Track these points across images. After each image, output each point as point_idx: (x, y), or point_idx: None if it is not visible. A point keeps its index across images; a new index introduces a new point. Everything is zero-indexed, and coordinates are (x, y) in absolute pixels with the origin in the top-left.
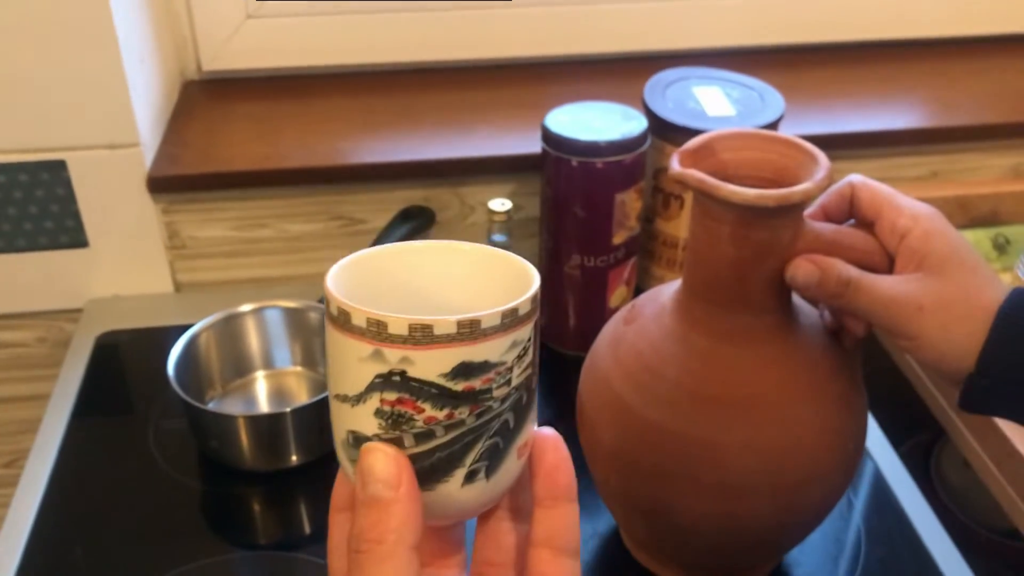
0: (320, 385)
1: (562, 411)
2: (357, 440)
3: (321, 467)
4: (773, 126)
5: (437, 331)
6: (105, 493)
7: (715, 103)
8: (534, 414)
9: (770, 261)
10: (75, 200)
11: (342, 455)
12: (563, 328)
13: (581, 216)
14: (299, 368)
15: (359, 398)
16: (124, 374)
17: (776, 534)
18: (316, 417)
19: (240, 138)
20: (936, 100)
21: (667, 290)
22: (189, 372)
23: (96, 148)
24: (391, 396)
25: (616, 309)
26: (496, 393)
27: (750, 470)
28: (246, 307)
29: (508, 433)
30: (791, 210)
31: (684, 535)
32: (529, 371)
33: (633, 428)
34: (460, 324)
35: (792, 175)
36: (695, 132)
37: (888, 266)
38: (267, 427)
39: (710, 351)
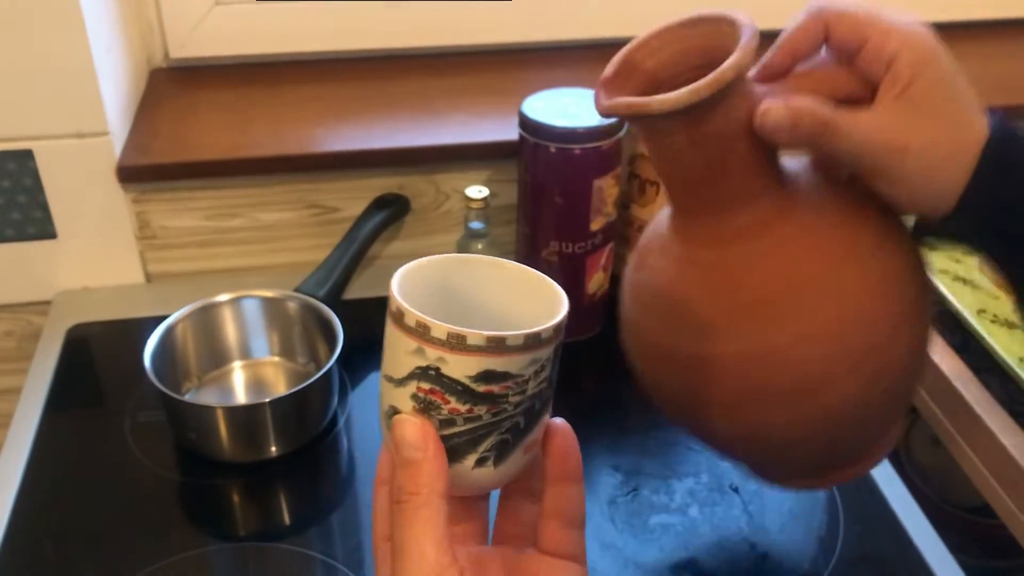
0: (297, 375)
1: None
2: (395, 414)
3: (300, 458)
4: None
5: (469, 341)
6: (82, 487)
7: None
8: (544, 420)
9: (739, 146)
10: (43, 190)
11: (383, 423)
12: None
13: (559, 203)
14: (276, 358)
15: (401, 382)
16: (97, 367)
17: (873, 411)
18: (294, 408)
19: (210, 126)
20: None
21: (659, 226)
22: (166, 363)
23: (64, 137)
24: (425, 386)
25: (594, 295)
26: (512, 399)
27: (817, 359)
28: (223, 297)
29: (518, 432)
30: (734, 86)
31: (781, 454)
32: (544, 385)
33: (692, 371)
34: (488, 339)
35: (724, 52)
36: None
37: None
38: (246, 418)
39: (723, 261)
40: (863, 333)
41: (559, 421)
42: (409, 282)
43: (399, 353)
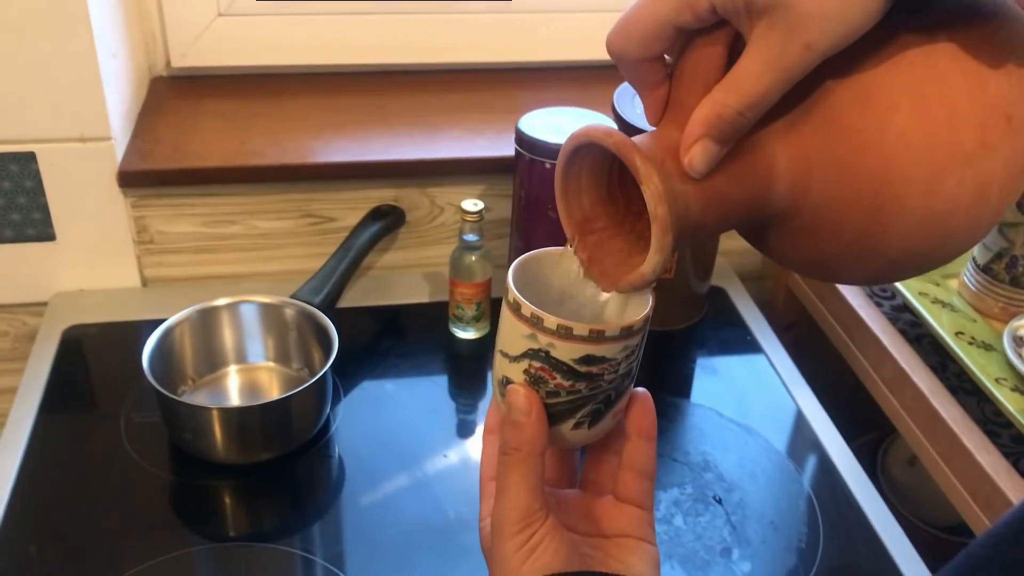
0: (291, 381)
1: None
2: (508, 383)
3: (292, 461)
4: None
5: (575, 332)
6: (76, 487)
7: None
8: (630, 390)
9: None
10: (43, 193)
11: (496, 391)
12: None
13: (553, 218)
14: (271, 363)
15: (515, 359)
16: (92, 368)
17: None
18: (288, 412)
19: (210, 135)
20: None
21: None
22: (163, 365)
23: (67, 141)
24: (536, 364)
25: None
26: (607, 378)
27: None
28: (221, 301)
29: (609, 403)
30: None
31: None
32: (633, 364)
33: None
34: (591, 331)
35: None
36: None
37: None
38: (240, 420)
39: None
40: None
41: (640, 390)
42: (522, 274)
43: (515, 335)
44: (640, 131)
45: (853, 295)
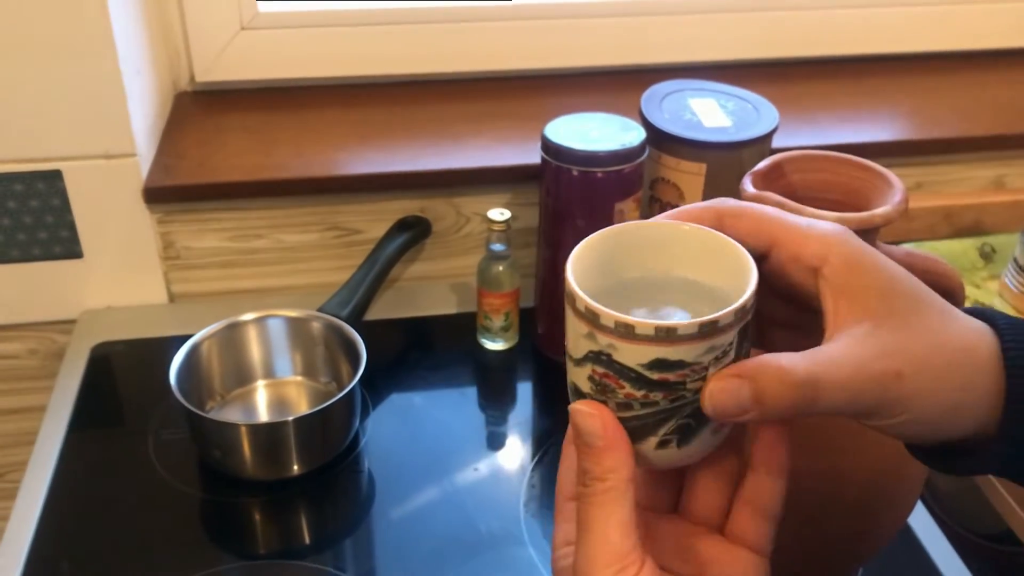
0: (319, 395)
1: (562, 422)
2: (576, 391)
3: (321, 477)
4: (768, 137)
5: (637, 331)
6: (105, 504)
7: (711, 114)
8: None
9: None
10: (70, 210)
11: (570, 396)
12: (562, 339)
13: (581, 225)
14: (299, 378)
15: (578, 362)
16: (120, 385)
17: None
18: (317, 427)
19: (235, 149)
20: (920, 113)
21: None
22: (190, 381)
23: (92, 158)
24: (600, 370)
25: None
26: (690, 386)
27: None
28: (248, 316)
29: (701, 417)
30: (868, 233)
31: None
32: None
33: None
34: (657, 329)
35: (863, 198)
36: (693, 143)
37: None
38: (269, 436)
39: None
40: None
41: None
42: (585, 260)
43: (575, 335)
44: (668, 135)
45: None
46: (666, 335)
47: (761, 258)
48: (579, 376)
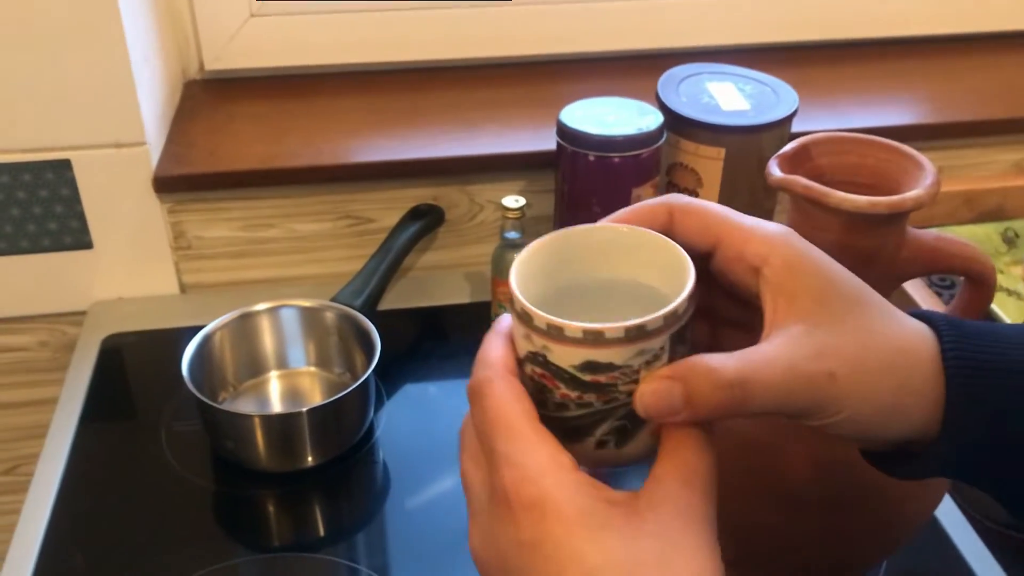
0: (333, 386)
1: None
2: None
3: (336, 468)
4: (788, 121)
5: (567, 333)
6: (118, 497)
7: (729, 98)
8: None
9: (875, 269)
10: (80, 200)
11: None
12: None
13: (597, 212)
14: (313, 368)
15: (520, 362)
16: (132, 377)
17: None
18: (332, 418)
19: (246, 137)
20: (940, 96)
21: None
22: (203, 372)
23: (102, 147)
24: (537, 370)
25: None
26: (622, 388)
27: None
28: (261, 306)
29: (637, 419)
30: (899, 218)
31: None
32: None
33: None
34: (585, 332)
35: (892, 180)
36: (711, 127)
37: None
38: (283, 427)
39: None
40: None
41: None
42: (532, 264)
43: (517, 335)
44: (686, 119)
45: (914, 288)
46: (594, 338)
47: (707, 256)
48: (522, 375)
